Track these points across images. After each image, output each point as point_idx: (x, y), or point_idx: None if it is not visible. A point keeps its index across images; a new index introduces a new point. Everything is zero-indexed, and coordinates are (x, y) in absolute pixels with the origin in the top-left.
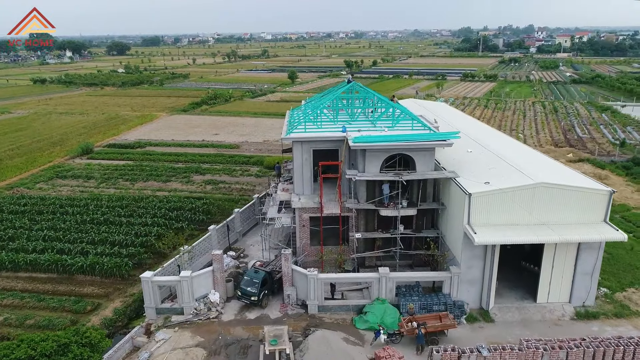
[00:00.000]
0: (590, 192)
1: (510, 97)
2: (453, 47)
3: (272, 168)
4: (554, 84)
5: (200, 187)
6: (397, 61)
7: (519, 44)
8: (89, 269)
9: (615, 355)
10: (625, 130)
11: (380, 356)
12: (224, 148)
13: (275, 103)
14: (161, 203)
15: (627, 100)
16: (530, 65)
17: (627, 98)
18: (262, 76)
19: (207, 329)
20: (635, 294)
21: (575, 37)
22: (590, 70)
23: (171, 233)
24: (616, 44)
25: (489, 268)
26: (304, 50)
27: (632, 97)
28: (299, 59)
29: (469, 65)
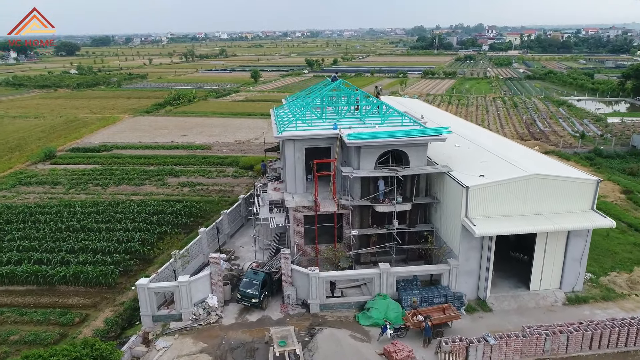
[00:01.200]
0: (579, 181)
1: (471, 94)
2: (409, 45)
3: (248, 168)
4: (510, 80)
5: (177, 189)
6: (357, 59)
7: (471, 42)
8: (72, 279)
9: (611, 337)
10: (582, 123)
11: (390, 351)
12: (195, 149)
13: (241, 103)
14: (140, 207)
15: (580, 95)
16: (485, 63)
17: (579, 93)
18: (223, 76)
19: (208, 334)
20: (618, 278)
21: (524, 35)
22: (542, 67)
23: (168, 237)
24: (562, 41)
25: (486, 259)
26: (262, 50)
27: (584, 92)
28: (258, 58)
29: (427, 63)
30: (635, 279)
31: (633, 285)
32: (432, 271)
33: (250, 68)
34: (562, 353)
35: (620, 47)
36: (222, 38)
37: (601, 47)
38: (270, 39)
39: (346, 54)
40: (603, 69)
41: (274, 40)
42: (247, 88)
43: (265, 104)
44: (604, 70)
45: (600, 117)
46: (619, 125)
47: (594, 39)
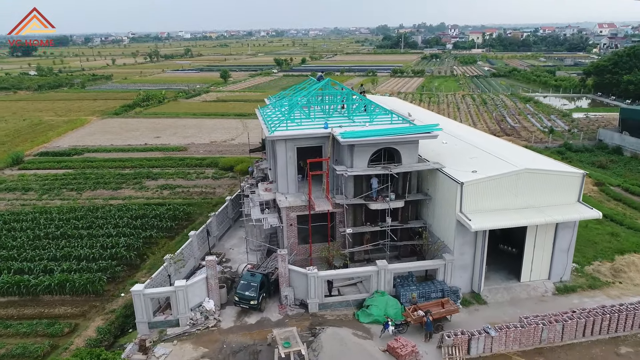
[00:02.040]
0: (567, 175)
1: (441, 91)
2: (375, 44)
3: (228, 169)
4: (477, 78)
5: (157, 192)
6: (325, 58)
7: (436, 41)
8: (58, 288)
9: (603, 323)
10: (550, 118)
11: (394, 347)
12: (170, 151)
13: (213, 103)
14: (121, 212)
15: (544, 92)
16: (450, 61)
17: (543, 89)
18: (191, 76)
19: (208, 339)
20: (601, 266)
21: (486, 34)
22: (505, 65)
23: (154, 241)
24: (522, 40)
25: (480, 253)
26: (228, 49)
27: (547, 89)
28: (224, 58)
29: (394, 62)
30: (618, 267)
31: (616, 273)
32: (429, 267)
33: (218, 68)
34: (558, 341)
35: (576, 45)
36: (186, 38)
37: (559, 45)
38: (235, 39)
39: (313, 53)
40: (563, 66)
41: (239, 40)
42: (218, 88)
43: (238, 104)
44: (563, 67)
45: (566, 112)
46: (584, 120)
47: (552, 38)
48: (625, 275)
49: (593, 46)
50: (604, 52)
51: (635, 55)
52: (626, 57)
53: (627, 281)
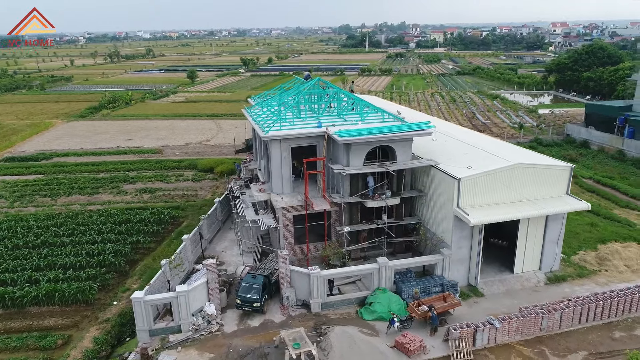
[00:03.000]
0: (556, 168)
1: (410, 90)
2: (339, 43)
3: (208, 171)
4: (443, 76)
5: (136, 196)
6: (291, 58)
7: (399, 40)
8: (45, 299)
9: (597, 310)
10: (518, 115)
11: (402, 342)
12: (145, 154)
13: (183, 104)
14: (102, 217)
15: (509, 89)
16: (415, 60)
17: (508, 87)
18: (156, 76)
19: (213, 344)
20: (586, 256)
21: (447, 33)
22: (468, 63)
23: (150, 245)
24: (481, 39)
25: (477, 246)
26: (190, 49)
27: (511, 86)
28: (188, 58)
29: (360, 61)
30: (603, 256)
31: (602, 262)
32: (428, 262)
33: (183, 68)
34: (556, 329)
35: (533, 43)
36: (145, 38)
37: (516, 43)
38: (197, 38)
39: (279, 52)
40: (523, 64)
41: (201, 40)
42: (185, 89)
43: (209, 105)
44: (524, 65)
45: (532, 109)
46: (550, 115)
47: (510, 37)
48: (610, 263)
49: (549, 44)
50: (559, 50)
51: (594, 53)
52: (585, 55)
53: (612, 269)
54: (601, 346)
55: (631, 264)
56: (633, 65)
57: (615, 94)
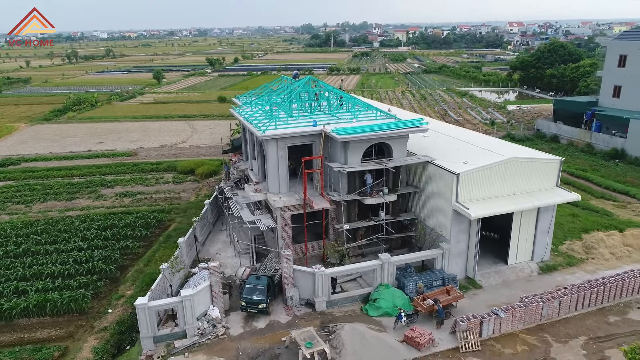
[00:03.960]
0: (547, 161)
1: (380, 88)
2: (304, 43)
3: (188, 173)
4: (410, 74)
5: (117, 200)
6: (256, 58)
7: (363, 39)
8: (36, 310)
9: (591, 297)
10: (488, 111)
11: (412, 336)
12: (119, 157)
13: (152, 105)
14: (85, 223)
15: (475, 86)
16: (380, 59)
17: (475, 84)
18: (119, 77)
19: (220, 348)
20: (573, 245)
21: (410, 32)
22: (433, 62)
23: (139, 250)
24: (443, 38)
25: (474, 240)
26: (152, 49)
27: (478, 83)
28: (150, 58)
29: (327, 60)
30: (589, 244)
31: (588, 250)
32: (428, 256)
33: (147, 69)
34: (555, 316)
35: (493, 42)
36: (102, 37)
37: (477, 42)
38: (157, 38)
39: (244, 52)
40: (485, 62)
41: (161, 40)
42: (152, 89)
43: (180, 106)
44: (486, 63)
45: (501, 105)
46: (518, 112)
47: (470, 36)
48: (596, 251)
49: (508, 43)
50: (518, 48)
51: (555, 51)
52: (547, 53)
53: (598, 257)
54: (598, 331)
55: (615, 252)
56: (593, 63)
57: (577, 90)
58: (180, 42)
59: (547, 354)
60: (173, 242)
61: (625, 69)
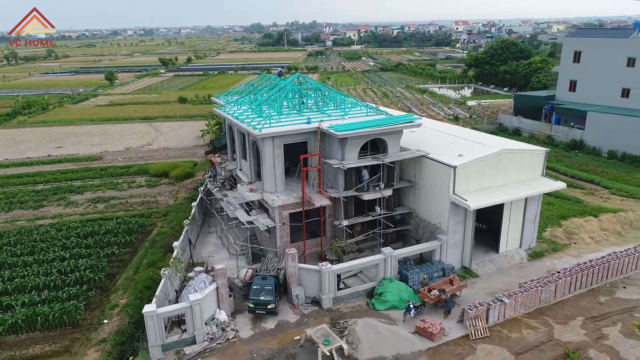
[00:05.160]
0: (534, 152)
1: (342, 86)
2: (255, 42)
3: (162, 176)
4: (367, 72)
5: (90, 207)
6: (209, 57)
7: (315, 39)
8: (25, 325)
9: (583, 279)
10: (449, 107)
11: (424, 327)
12: (84, 161)
13: (109, 107)
14: (63, 232)
15: (433, 83)
16: (335, 57)
17: (433, 82)
18: (67, 79)
19: (233, 351)
20: (555, 231)
21: (362, 31)
22: (387, 60)
23: (124, 256)
24: (394, 36)
25: (470, 230)
26: (97, 49)
27: (435, 80)
28: (98, 59)
29: (282, 59)
30: (570, 230)
31: (570, 236)
32: (428, 248)
33: (95, 70)
34: (552, 300)
35: (442, 40)
36: (40, 37)
37: (426, 41)
38: (100, 38)
39: (195, 51)
40: (438, 60)
41: (105, 40)
42: (106, 91)
43: (139, 107)
44: (439, 61)
45: (461, 101)
46: (478, 107)
47: (420, 34)
48: (577, 236)
49: (456, 42)
50: (466, 46)
51: (507, 48)
52: (500, 50)
53: (580, 242)
54: (593, 311)
55: (594, 236)
56: (543, 59)
57: (530, 86)
58: (125, 42)
59: (551, 336)
60: (159, 247)
61: (580, 64)
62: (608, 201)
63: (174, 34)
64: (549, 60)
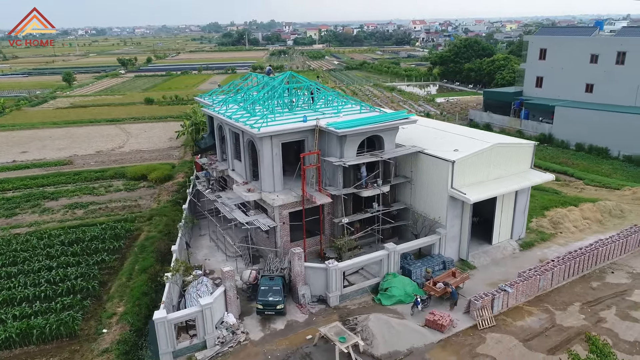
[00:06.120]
0: (524, 146)
1: None
2: (215, 42)
3: (140, 179)
4: (333, 71)
5: (68, 213)
6: (169, 57)
7: (276, 38)
8: (20, 339)
9: (575, 266)
10: (419, 104)
11: (434, 320)
12: (53, 166)
13: (71, 110)
14: (45, 240)
15: (400, 82)
16: (298, 56)
17: (399, 79)
18: (20, 81)
19: (246, 354)
20: (540, 221)
21: (322, 31)
22: (350, 59)
23: (113, 263)
24: (354, 35)
25: (467, 223)
26: (49, 50)
27: (401, 79)
28: (51, 59)
29: (245, 58)
30: (555, 220)
31: (555, 225)
32: (428, 242)
33: (50, 71)
34: (549, 287)
35: (402, 39)
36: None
37: (387, 40)
38: (48, 37)
39: (155, 52)
40: (400, 58)
41: (55, 40)
42: (65, 93)
43: (103, 109)
44: (401, 59)
45: (430, 98)
46: (447, 104)
47: (380, 33)
48: (562, 226)
49: (415, 40)
50: (425, 45)
51: (470, 46)
52: (464, 48)
53: (565, 230)
54: (587, 296)
55: (578, 225)
56: (506, 57)
57: (494, 82)
58: (78, 41)
59: (554, 322)
60: (150, 252)
61: (545, 61)
62: (583, 191)
63: (128, 33)
64: (511, 58)
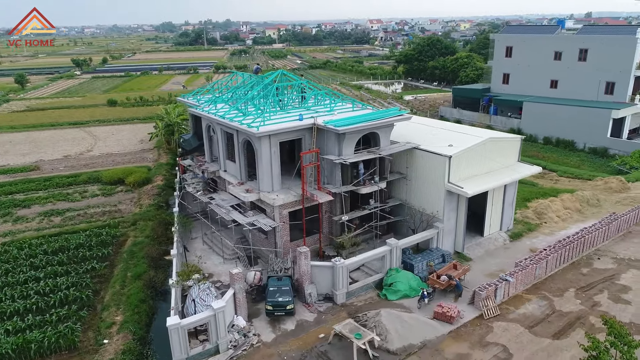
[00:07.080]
0: (513, 140)
1: None
2: (171, 41)
3: (116, 183)
4: (297, 70)
5: (44, 221)
6: (126, 58)
7: (235, 37)
8: (16, 355)
9: (565, 254)
10: (389, 102)
11: (442, 312)
12: (19, 172)
13: (29, 113)
14: (26, 250)
15: (365, 80)
16: (260, 56)
17: (365, 78)
18: None
19: (260, 356)
20: (525, 212)
21: (281, 30)
22: (313, 58)
23: (103, 270)
24: (314, 35)
25: (463, 216)
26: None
27: (367, 77)
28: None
29: (204, 58)
30: (539, 211)
31: (540, 216)
32: (428, 236)
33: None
34: (544, 275)
35: (361, 38)
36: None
37: (346, 39)
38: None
39: (109, 52)
40: (362, 57)
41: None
42: (19, 95)
43: (64, 112)
44: (363, 58)
45: (398, 96)
46: (415, 101)
47: (339, 32)
48: (546, 216)
49: (374, 39)
50: (384, 43)
51: (434, 45)
52: (427, 47)
53: (549, 221)
54: (579, 282)
55: (560, 215)
56: (469, 55)
57: (458, 80)
58: (26, 40)
59: (554, 308)
60: (141, 258)
61: (511, 58)
62: (558, 182)
63: (77, 33)
64: (474, 56)
